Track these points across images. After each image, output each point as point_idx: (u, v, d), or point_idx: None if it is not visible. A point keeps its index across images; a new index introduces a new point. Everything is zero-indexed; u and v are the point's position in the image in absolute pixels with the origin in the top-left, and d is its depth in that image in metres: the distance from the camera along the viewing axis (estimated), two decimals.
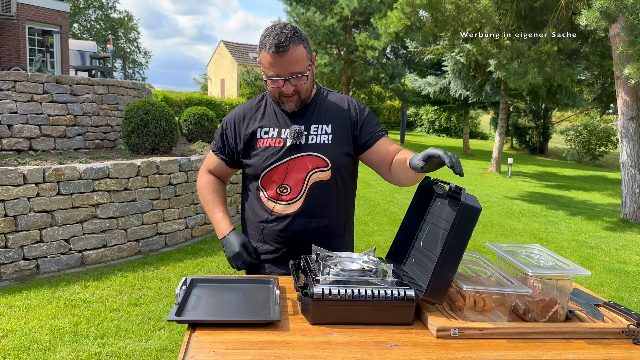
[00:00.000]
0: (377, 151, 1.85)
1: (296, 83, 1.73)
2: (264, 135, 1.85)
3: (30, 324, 3.65)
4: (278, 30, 1.68)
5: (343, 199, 1.91)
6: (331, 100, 1.90)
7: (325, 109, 1.87)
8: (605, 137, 21.58)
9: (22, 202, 4.52)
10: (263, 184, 1.85)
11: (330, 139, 1.82)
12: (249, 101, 1.96)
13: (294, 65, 1.70)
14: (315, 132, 1.83)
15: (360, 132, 1.87)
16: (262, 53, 1.70)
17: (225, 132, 1.93)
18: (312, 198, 1.81)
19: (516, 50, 10.69)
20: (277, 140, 1.82)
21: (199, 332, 1.24)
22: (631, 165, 8.32)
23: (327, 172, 1.81)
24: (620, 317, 1.43)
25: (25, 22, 13.87)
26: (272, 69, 1.70)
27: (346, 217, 1.95)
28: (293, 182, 1.80)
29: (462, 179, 13.04)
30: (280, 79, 1.71)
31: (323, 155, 1.80)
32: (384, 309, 1.31)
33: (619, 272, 5.78)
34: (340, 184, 1.86)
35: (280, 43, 1.65)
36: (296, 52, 1.68)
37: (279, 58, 1.67)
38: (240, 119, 1.91)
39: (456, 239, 1.31)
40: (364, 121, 1.88)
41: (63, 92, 6.62)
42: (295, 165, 1.80)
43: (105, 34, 40.05)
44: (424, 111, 30.78)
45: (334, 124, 1.85)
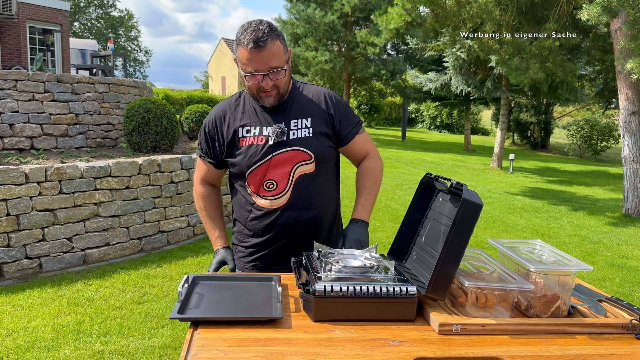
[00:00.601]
0: (350, 149, 1.98)
1: (275, 78, 1.75)
2: (245, 134, 1.86)
3: (33, 322, 3.67)
4: (254, 26, 1.70)
5: (328, 189, 1.95)
6: (308, 94, 1.93)
7: (303, 103, 1.90)
8: (607, 132, 21.53)
9: (24, 201, 4.53)
10: (249, 181, 1.88)
11: (310, 132, 1.85)
12: (226, 100, 1.97)
13: (272, 60, 1.72)
14: (295, 126, 1.85)
15: (340, 127, 1.92)
16: (239, 50, 1.72)
17: (207, 134, 1.93)
18: (299, 191, 1.84)
19: (517, 46, 10.66)
20: (260, 138, 1.84)
21: (201, 329, 1.24)
22: (633, 160, 8.30)
23: (311, 164, 1.84)
24: (622, 312, 1.42)
25: (25, 21, 13.87)
26: (250, 65, 1.71)
27: (334, 206, 2.00)
28: (279, 177, 1.83)
29: (464, 175, 13.04)
30: (259, 74, 1.73)
31: (306, 149, 1.83)
32: (386, 306, 1.31)
33: (621, 267, 5.77)
34: (325, 174, 1.91)
35: (258, 39, 1.67)
36: (274, 47, 1.71)
37: (257, 53, 1.69)
38: (221, 119, 1.91)
39: (458, 235, 1.31)
40: (342, 114, 1.93)
41: (64, 91, 6.63)
42: (280, 161, 1.82)
43: (106, 32, 40.03)
44: (425, 107, 30.72)
45: (313, 118, 1.88)
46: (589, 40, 12.08)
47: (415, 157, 16.62)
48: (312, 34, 19.91)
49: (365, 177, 2.00)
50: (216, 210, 2.04)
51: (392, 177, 11.74)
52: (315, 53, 19.81)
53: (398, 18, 10.56)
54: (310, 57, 19.70)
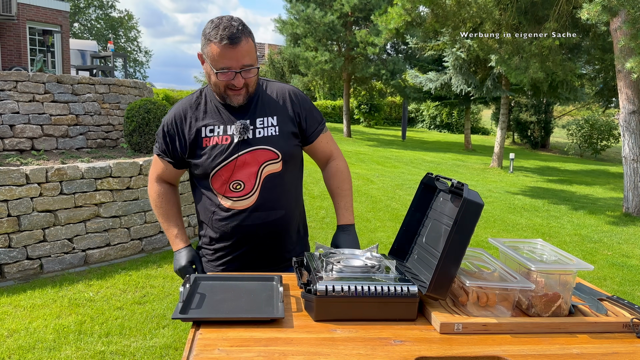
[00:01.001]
0: (315, 148, 1.97)
1: (246, 76, 1.71)
2: (209, 134, 1.80)
3: (34, 323, 3.67)
4: (227, 22, 1.66)
5: (295, 188, 1.92)
6: (272, 92, 1.89)
7: (268, 101, 1.85)
8: (607, 131, 21.53)
9: (25, 202, 4.53)
10: (213, 182, 1.82)
11: (277, 130, 1.81)
12: (186, 99, 1.89)
13: (245, 58, 1.68)
14: (261, 125, 1.81)
15: (306, 125, 1.89)
16: (210, 46, 1.66)
17: (167, 133, 1.86)
18: (267, 191, 1.80)
19: (517, 45, 10.66)
20: (224, 138, 1.78)
21: (203, 329, 1.24)
22: (633, 158, 8.30)
23: (278, 163, 1.80)
24: (623, 311, 1.43)
25: (25, 22, 13.88)
26: (223, 61, 1.66)
27: (300, 205, 1.98)
28: (246, 177, 1.78)
29: (464, 174, 13.04)
30: (232, 71, 1.68)
31: (273, 148, 1.79)
32: (387, 305, 1.32)
33: (621, 266, 5.77)
34: (292, 173, 1.88)
35: (232, 35, 1.63)
36: (247, 45, 1.67)
37: (231, 50, 1.64)
38: (181, 118, 1.84)
39: (459, 235, 1.31)
40: (307, 112, 1.90)
41: (64, 91, 6.63)
42: (246, 160, 1.78)
43: (106, 33, 40.04)
44: (425, 107, 30.71)
45: (279, 116, 1.84)
46: (589, 39, 12.08)
47: (416, 156, 16.62)
48: (311, 34, 19.90)
49: (338, 179, 1.99)
50: (173, 208, 1.96)
51: (393, 176, 11.74)
52: (315, 53, 19.81)
53: (398, 18, 10.56)
54: (310, 57, 19.70)
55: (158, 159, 1.92)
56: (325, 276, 1.36)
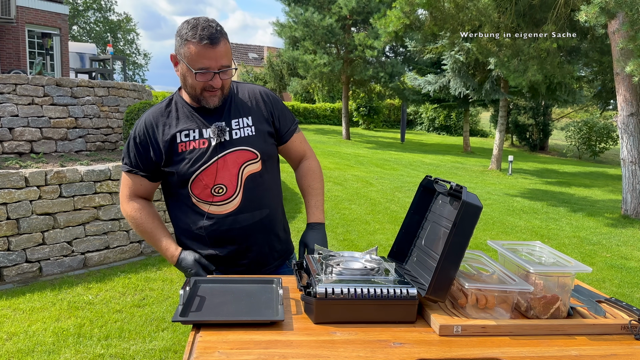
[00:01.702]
0: (289, 148, 1.97)
1: (224, 77, 1.71)
2: (184, 139, 1.76)
3: (34, 326, 3.67)
4: (205, 23, 1.65)
5: (275, 186, 1.93)
6: (244, 93, 1.88)
7: (241, 102, 1.85)
8: (606, 133, 21.58)
9: (24, 205, 4.53)
10: (194, 188, 1.77)
11: (253, 130, 1.81)
12: (154, 107, 1.85)
13: (224, 59, 1.68)
14: (237, 126, 1.80)
15: (280, 124, 1.90)
16: (188, 46, 1.64)
17: (139, 145, 1.79)
18: (250, 192, 1.79)
19: (516, 48, 10.69)
20: (201, 142, 1.76)
21: (203, 332, 1.25)
22: (631, 161, 8.32)
23: (257, 163, 1.80)
24: (622, 313, 1.43)
25: (24, 25, 13.89)
26: (202, 61, 1.65)
27: (280, 203, 1.98)
28: (227, 180, 1.76)
29: (463, 177, 13.05)
30: (210, 72, 1.67)
31: (251, 148, 1.79)
32: (387, 308, 1.32)
33: (620, 268, 5.78)
34: (271, 172, 1.88)
35: (212, 35, 1.63)
36: (225, 46, 1.67)
37: (211, 50, 1.64)
38: (153, 126, 1.79)
39: (458, 237, 1.31)
40: (280, 112, 1.91)
41: (64, 94, 6.64)
42: (226, 163, 1.76)
43: (105, 36, 40.07)
44: (423, 109, 30.76)
45: (253, 116, 1.84)
46: (587, 41, 12.12)
47: (415, 159, 16.63)
48: (310, 37, 19.94)
49: (310, 178, 1.99)
50: (155, 220, 1.87)
51: (392, 179, 11.75)
52: (313, 56, 19.84)
53: (397, 21, 10.58)
54: (308, 60, 19.73)
55: (129, 176, 1.84)
56: (325, 279, 1.36)
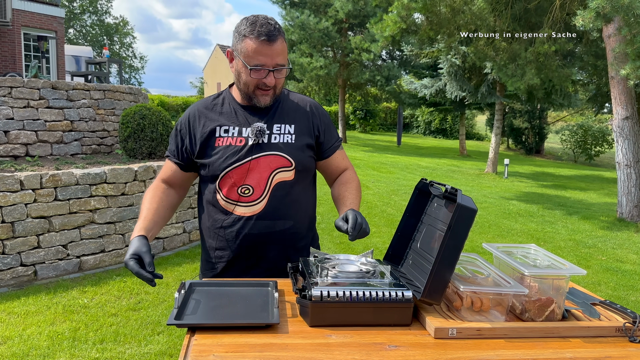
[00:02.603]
0: (329, 164, 1.91)
1: (278, 76, 1.69)
2: (223, 134, 1.76)
3: (28, 330, 3.65)
4: (264, 20, 1.64)
5: (306, 201, 1.86)
6: (293, 101, 1.86)
7: (288, 108, 1.82)
8: (601, 136, 21.68)
9: (19, 208, 4.52)
10: (221, 185, 1.75)
11: (293, 138, 1.77)
12: (203, 100, 1.86)
13: (280, 57, 1.66)
14: (278, 131, 1.76)
15: (324, 138, 1.85)
16: (246, 41, 1.63)
17: (179, 133, 1.82)
18: (276, 199, 1.74)
19: (512, 52, 10.74)
20: (239, 139, 1.74)
21: (198, 335, 1.24)
22: (627, 164, 8.36)
23: (290, 172, 1.75)
24: (616, 315, 1.44)
25: (20, 28, 13.87)
26: (258, 58, 1.63)
27: (310, 219, 1.90)
28: (255, 182, 1.72)
29: (459, 180, 13.07)
30: (265, 69, 1.65)
31: (287, 155, 1.74)
32: (382, 311, 1.32)
33: (615, 271, 5.80)
34: (303, 185, 1.82)
35: (270, 32, 1.62)
36: (282, 45, 1.66)
37: (268, 47, 1.62)
38: (195, 117, 1.80)
39: (453, 240, 1.32)
40: (326, 126, 1.87)
41: (59, 97, 6.62)
42: (258, 165, 1.72)
43: (101, 39, 40.04)
44: (419, 113, 30.85)
45: (297, 125, 1.80)
46: (582, 45, 12.18)
47: (411, 162, 16.66)
48: (306, 40, 19.98)
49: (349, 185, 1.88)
50: (154, 202, 1.78)
51: (388, 182, 11.76)
52: (310, 59, 19.88)
53: (393, 25, 10.62)
54: (305, 63, 19.76)
55: (167, 161, 1.88)
56: (320, 282, 1.36)
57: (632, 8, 6.47)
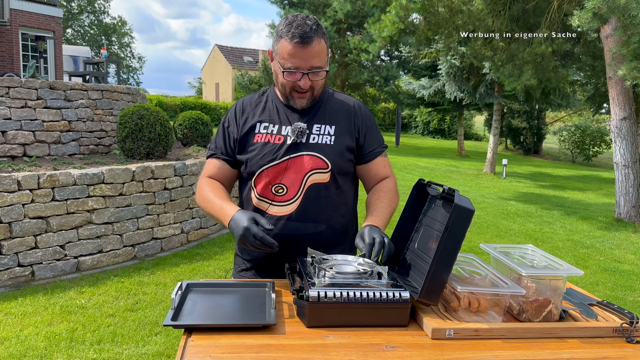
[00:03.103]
0: (369, 169, 1.83)
1: (314, 78, 1.65)
2: (262, 130, 1.74)
3: (25, 330, 3.64)
4: (301, 20, 1.60)
5: (343, 205, 1.79)
6: (338, 101, 1.81)
7: (331, 109, 1.78)
8: (599, 137, 21.71)
9: (17, 209, 4.51)
10: (257, 182, 1.73)
11: (332, 140, 1.73)
12: (249, 95, 1.85)
13: (315, 59, 1.61)
14: (317, 131, 1.73)
15: (364, 142, 1.79)
16: (281, 42, 1.61)
17: (226, 129, 1.80)
18: (309, 201, 1.70)
19: (510, 52, 10.75)
20: (277, 137, 1.71)
21: (195, 336, 1.24)
22: (624, 164, 8.37)
23: (326, 174, 1.71)
24: (613, 316, 1.44)
25: (18, 28, 13.84)
26: (292, 60, 1.60)
27: (346, 226, 1.81)
28: (290, 182, 1.69)
29: (457, 180, 13.08)
30: (299, 72, 1.62)
31: (323, 156, 1.70)
32: (379, 311, 1.32)
33: (613, 271, 5.81)
34: (340, 189, 1.76)
35: (304, 33, 1.57)
36: (319, 46, 1.61)
37: (301, 49, 1.58)
38: (240, 112, 1.80)
39: (450, 241, 1.32)
40: (368, 129, 1.81)
41: (57, 97, 6.61)
42: (294, 165, 1.69)
43: (99, 39, 40.00)
44: (418, 113, 30.88)
45: (338, 126, 1.76)
46: (580, 46, 12.20)
47: (409, 162, 16.67)
48: None
49: (383, 194, 1.79)
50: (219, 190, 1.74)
51: None
52: None
53: (391, 26, 10.62)
54: None
55: (211, 160, 1.82)
56: (318, 282, 1.36)
57: (628, 9, 6.48)
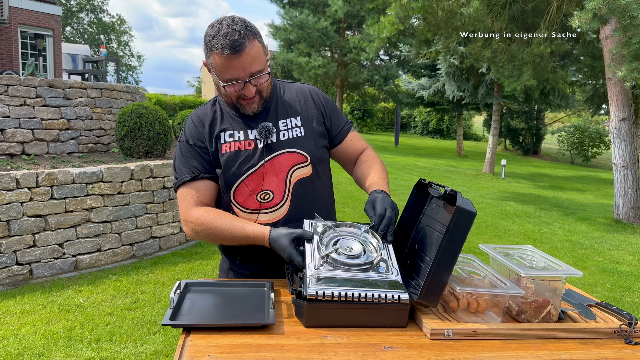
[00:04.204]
0: (345, 148, 1.79)
1: (257, 83, 1.56)
2: (228, 139, 1.63)
3: (23, 329, 3.63)
4: (227, 27, 1.48)
5: (328, 195, 1.78)
6: (291, 92, 1.74)
7: (288, 102, 1.71)
8: (598, 137, 21.73)
9: (15, 207, 4.50)
10: (237, 195, 1.63)
11: (302, 131, 1.67)
12: (200, 107, 1.73)
13: (253, 65, 1.51)
14: (284, 127, 1.65)
15: (331, 124, 1.75)
16: (213, 56, 1.50)
17: (193, 147, 1.64)
18: (298, 198, 1.64)
19: (510, 53, 10.75)
20: (247, 143, 1.62)
21: (193, 336, 1.24)
22: (623, 165, 8.38)
23: (307, 167, 1.65)
24: (612, 317, 1.44)
25: (17, 26, 13.82)
26: (228, 72, 1.51)
27: (328, 212, 1.78)
28: (274, 185, 1.62)
29: (456, 180, 13.08)
30: (240, 82, 1.53)
31: (300, 150, 1.64)
32: (377, 312, 1.32)
33: (612, 272, 5.81)
34: (322, 179, 1.73)
35: (234, 42, 1.46)
36: (253, 50, 1.50)
37: (235, 59, 1.48)
38: (200, 124, 1.66)
39: (451, 243, 1.31)
40: (331, 110, 1.76)
41: (56, 96, 6.60)
42: (273, 167, 1.62)
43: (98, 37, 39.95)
44: (417, 113, 30.88)
45: (302, 116, 1.69)
46: (579, 46, 12.21)
47: (408, 162, 16.67)
48: (305, 39, 19.99)
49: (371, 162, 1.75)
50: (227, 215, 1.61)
51: None
52: (308, 59, 19.88)
53: (390, 27, 10.61)
54: (303, 62, 19.77)
55: (190, 186, 1.63)
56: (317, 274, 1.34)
57: (629, 10, 6.48)
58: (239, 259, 1.73)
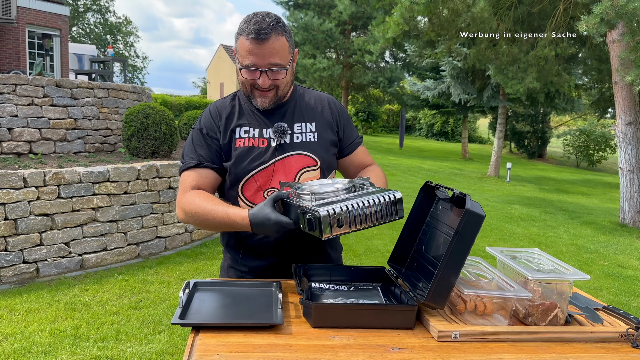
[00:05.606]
0: (352, 160, 1.84)
1: (274, 77, 1.59)
2: (243, 135, 1.67)
3: (30, 327, 3.66)
4: (260, 17, 1.55)
5: None
6: (310, 98, 1.79)
7: (306, 107, 1.76)
8: (604, 141, 21.64)
9: (23, 206, 4.53)
10: (245, 190, 1.66)
11: (315, 137, 1.71)
12: (220, 100, 1.77)
13: (274, 56, 1.56)
14: (299, 130, 1.70)
15: (344, 135, 1.80)
16: (239, 40, 1.56)
17: (205, 136, 1.68)
18: None
19: (514, 56, 10.74)
20: (261, 140, 1.66)
21: (202, 334, 1.25)
22: (629, 169, 8.35)
23: (316, 171, 1.69)
24: (619, 321, 1.44)
25: (25, 26, 13.90)
26: (249, 58, 1.55)
27: None
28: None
29: (461, 183, 13.07)
30: (257, 70, 1.57)
31: (311, 154, 1.68)
32: (385, 314, 1.32)
33: (617, 276, 5.79)
34: None
35: (261, 30, 1.52)
36: (277, 43, 1.55)
37: (258, 46, 1.53)
38: (217, 116, 1.70)
39: (459, 245, 1.32)
40: (345, 122, 1.82)
41: (63, 95, 6.64)
42: (283, 167, 1.65)
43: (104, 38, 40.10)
44: (422, 115, 30.83)
45: (317, 122, 1.74)
46: (585, 49, 12.18)
47: (413, 164, 16.65)
48: (310, 41, 20.02)
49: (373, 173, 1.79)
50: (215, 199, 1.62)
51: (390, 184, 11.67)
52: (313, 60, 19.90)
53: (395, 27, 10.61)
54: (308, 64, 19.79)
55: (192, 171, 1.65)
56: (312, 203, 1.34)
57: (636, 14, 6.46)
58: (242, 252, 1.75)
